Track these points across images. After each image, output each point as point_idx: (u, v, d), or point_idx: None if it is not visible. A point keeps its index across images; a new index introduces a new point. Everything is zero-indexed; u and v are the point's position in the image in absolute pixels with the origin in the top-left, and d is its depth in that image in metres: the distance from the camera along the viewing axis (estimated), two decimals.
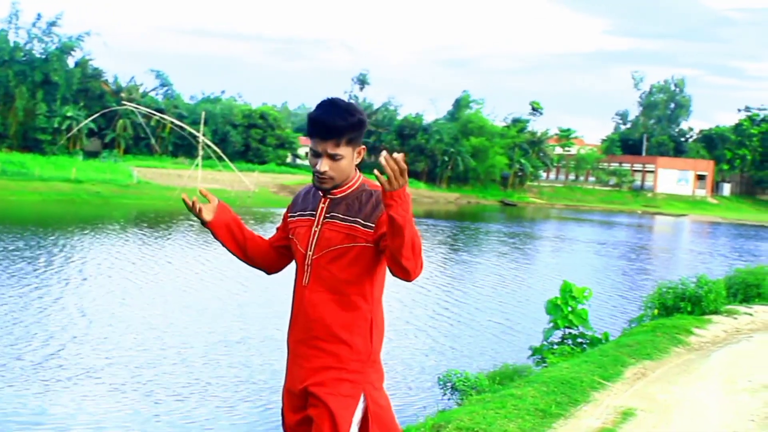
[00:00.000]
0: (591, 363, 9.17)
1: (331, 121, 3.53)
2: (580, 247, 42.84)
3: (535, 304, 20.51)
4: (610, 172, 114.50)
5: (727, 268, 21.92)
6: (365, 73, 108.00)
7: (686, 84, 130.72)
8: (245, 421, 11.39)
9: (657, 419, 7.54)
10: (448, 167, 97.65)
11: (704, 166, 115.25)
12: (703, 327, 11.30)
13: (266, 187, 72.82)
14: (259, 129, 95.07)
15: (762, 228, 76.46)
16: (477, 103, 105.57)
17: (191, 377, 13.40)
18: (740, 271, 14.00)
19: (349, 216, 3.60)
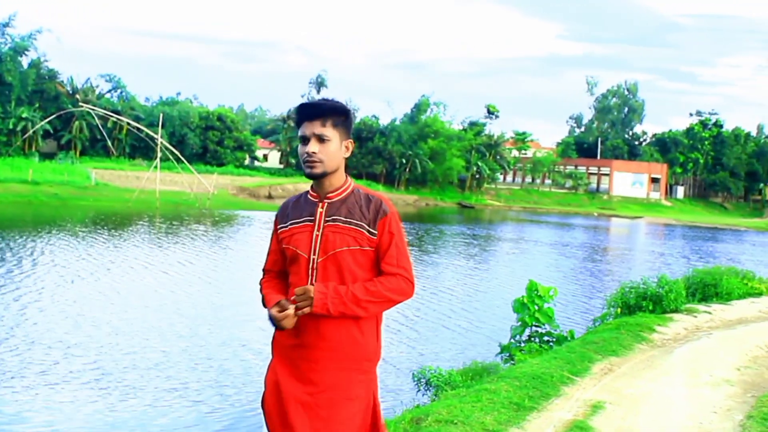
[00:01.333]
0: (560, 359, 9.51)
1: (315, 103, 3.79)
2: (542, 249, 43.36)
3: (501, 304, 20.88)
4: (566, 175, 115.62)
5: (685, 269, 22.43)
6: (323, 76, 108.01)
7: (639, 88, 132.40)
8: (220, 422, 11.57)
9: (625, 412, 7.87)
10: (406, 169, 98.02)
11: (658, 169, 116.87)
12: (664, 325, 11.70)
13: (225, 189, 72.65)
14: (217, 131, 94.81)
15: (715, 230, 77.74)
16: (437, 105, 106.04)
17: (146, 374, 13.52)
18: (698, 271, 14.44)
19: (354, 220, 3.75)
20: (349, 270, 3.72)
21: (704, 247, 51.56)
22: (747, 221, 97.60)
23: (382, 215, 3.77)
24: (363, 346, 3.77)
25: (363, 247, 3.73)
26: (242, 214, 55.29)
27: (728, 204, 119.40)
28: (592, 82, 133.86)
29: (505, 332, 15.51)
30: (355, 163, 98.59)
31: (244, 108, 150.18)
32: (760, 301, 13.84)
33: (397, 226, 3.82)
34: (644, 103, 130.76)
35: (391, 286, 3.72)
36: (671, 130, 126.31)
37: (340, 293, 3.63)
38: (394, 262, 3.77)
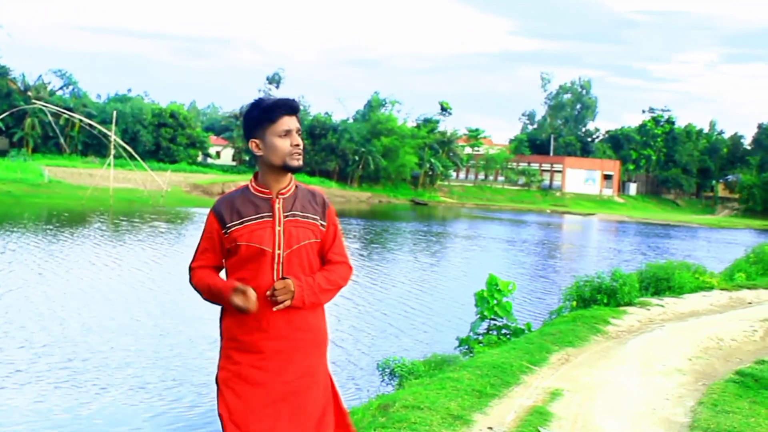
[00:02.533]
0: (519, 350, 9.81)
1: (292, 99, 3.92)
2: (496, 246, 43.79)
3: (458, 300, 21.22)
4: (519, 172, 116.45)
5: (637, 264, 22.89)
6: (279, 73, 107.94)
7: (592, 85, 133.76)
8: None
9: (582, 398, 8.18)
10: (359, 166, 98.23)
11: (611, 166, 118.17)
12: (618, 317, 12.06)
13: (179, 186, 72.36)
14: (170, 128, 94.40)
15: (667, 226, 78.91)
16: (391, 103, 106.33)
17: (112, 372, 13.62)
18: (651, 266, 14.83)
19: (309, 214, 3.91)
20: (309, 262, 3.89)
21: (657, 244, 52.39)
22: (699, 218, 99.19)
23: (327, 208, 3.99)
24: (321, 330, 3.96)
25: (317, 239, 3.93)
26: (196, 212, 55.11)
27: (680, 200, 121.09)
28: (546, 79, 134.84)
29: (462, 326, 15.85)
30: (308, 160, 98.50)
31: (196, 105, 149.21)
32: (711, 295, 14.26)
33: (336, 218, 4.07)
34: (597, 100, 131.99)
35: (342, 274, 3.99)
36: (624, 127, 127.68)
37: (311, 285, 3.81)
38: (339, 251, 4.02)
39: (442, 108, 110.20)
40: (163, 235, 37.85)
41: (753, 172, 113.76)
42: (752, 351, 10.93)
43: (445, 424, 6.88)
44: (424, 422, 6.80)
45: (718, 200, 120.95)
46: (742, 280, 15.63)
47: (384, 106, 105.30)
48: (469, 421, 7.07)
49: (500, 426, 7.09)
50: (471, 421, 7.08)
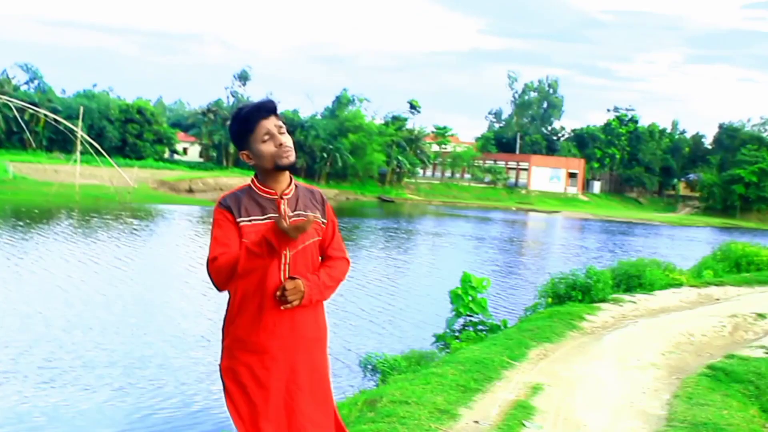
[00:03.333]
0: (499, 345, 10.04)
1: (265, 101, 3.98)
2: (465, 243, 44.12)
3: (432, 296, 21.45)
4: (486, 170, 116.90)
5: (606, 261, 23.26)
6: (247, 70, 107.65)
7: (559, 84, 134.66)
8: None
9: (563, 392, 8.43)
10: (327, 163, 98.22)
11: (576, 164, 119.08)
12: (593, 313, 12.34)
13: (146, 183, 71.92)
14: (136, 124, 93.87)
15: (630, 224, 79.74)
16: (359, 100, 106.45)
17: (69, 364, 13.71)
18: (623, 263, 15.14)
19: (311, 212, 3.94)
20: (312, 260, 3.95)
21: (623, 241, 53.04)
22: (661, 216, 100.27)
23: (326, 205, 4.09)
24: (322, 327, 4.02)
25: (320, 236, 3.99)
26: (163, 208, 54.97)
27: (643, 199, 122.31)
28: (513, 77, 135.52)
29: (438, 322, 16.07)
30: None
31: (163, 101, 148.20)
32: (680, 292, 14.60)
33: (334, 215, 4.16)
34: (564, 99, 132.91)
35: (342, 269, 4.07)
36: (589, 126, 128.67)
37: (317, 283, 3.88)
38: (338, 247, 4.10)
39: (411, 106, 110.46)
40: (133, 232, 37.75)
41: (713, 171, 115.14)
42: (722, 346, 11.26)
43: (433, 418, 7.08)
44: (412, 416, 6.99)
45: (679, 198, 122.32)
46: (710, 277, 16.00)
47: (352, 103, 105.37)
48: (455, 415, 7.28)
49: (486, 420, 7.31)
50: (457, 415, 7.29)
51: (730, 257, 17.44)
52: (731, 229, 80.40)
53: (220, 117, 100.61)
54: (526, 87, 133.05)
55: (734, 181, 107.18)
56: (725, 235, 61.55)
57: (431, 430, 6.80)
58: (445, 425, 6.99)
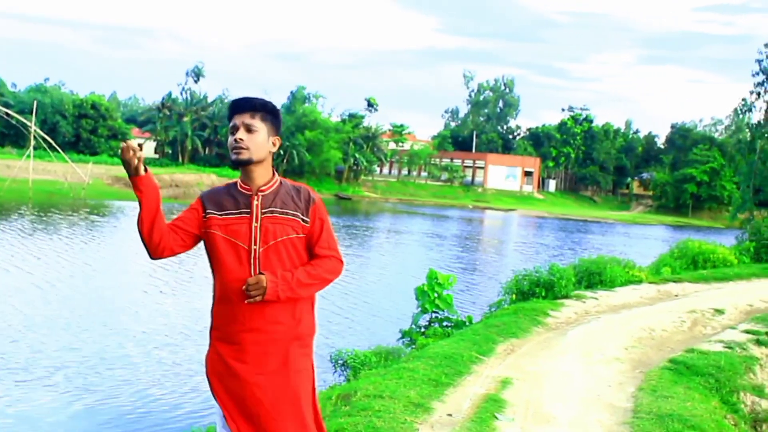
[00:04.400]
0: (467, 341, 10.21)
1: (247, 97, 4.08)
2: (430, 240, 44.34)
3: (395, 292, 21.61)
4: (442, 168, 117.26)
5: (564, 258, 23.57)
6: (200, 66, 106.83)
7: (515, 84, 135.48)
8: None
9: (531, 386, 8.62)
10: (284, 161, 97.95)
11: (531, 163, 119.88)
12: (557, 310, 12.57)
13: (100, 179, 71.16)
14: (91, 119, 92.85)
15: (585, 222, 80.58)
16: (315, 97, 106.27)
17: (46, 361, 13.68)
18: (584, 260, 15.42)
19: (289, 210, 3.98)
20: (288, 257, 3.97)
21: (580, 239, 53.63)
22: (614, 214, 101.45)
23: (311, 203, 4.05)
24: (303, 323, 4.03)
25: (299, 234, 3.99)
26: (119, 205, 54.55)
27: (597, 197, 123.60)
28: (468, 76, 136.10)
29: (402, 319, 16.23)
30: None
31: (117, 96, 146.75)
32: (640, 288, 14.90)
33: (324, 212, 4.12)
34: (519, 99, 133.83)
35: (328, 268, 4.03)
36: (544, 125, 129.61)
37: (288, 280, 3.90)
38: (326, 246, 4.05)
39: (369, 104, 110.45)
40: (89, 228, 37.49)
41: (666, 170, 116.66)
42: (682, 340, 11.54)
43: (407, 411, 7.22)
44: (387, 410, 7.13)
45: (633, 197, 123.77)
46: (668, 274, 16.33)
47: (308, 99, 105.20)
48: (429, 408, 7.43)
49: (459, 413, 7.47)
50: (431, 409, 7.44)
51: (687, 255, 17.81)
52: (683, 227, 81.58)
53: (175, 113, 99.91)
54: (481, 86, 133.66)
55: (686, 180, 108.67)
56: (678, 233, 62.52)
57: (407, 423, 6.94)
58: (420, 418, 7.13)
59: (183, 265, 26.54)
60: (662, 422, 7.43)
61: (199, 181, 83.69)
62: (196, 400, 12.89)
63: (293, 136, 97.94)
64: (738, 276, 16.43)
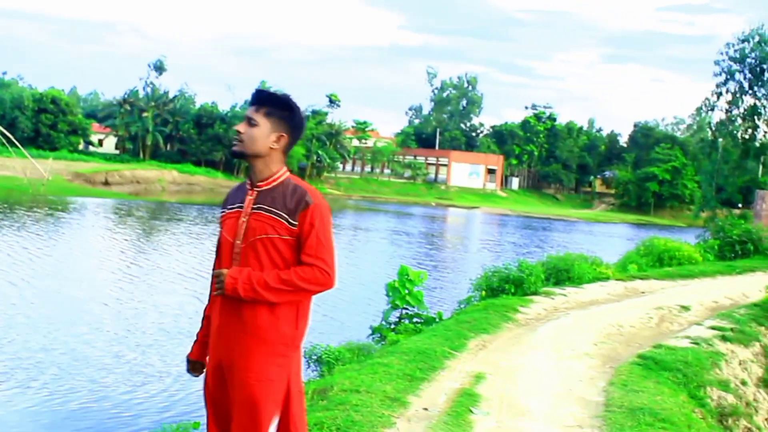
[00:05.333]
0: (439, 336, 10.30)
1: (262, 90, 4.07)
2: (396, 238, 44.45)
3: (363, 288, 21.65)
4: (406, 165, 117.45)
5: (530, 256, 23.71)
6: (162, 60, 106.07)
7: (479, 81, 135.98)
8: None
9: (504, 381, 8.72)
10: None
11: (494, 160, 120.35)
12: (526, 306, 12.70)
13: (60, 175, 70.53)
14: (50, 114, 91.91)
15: (548, 220, 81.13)
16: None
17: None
18: (552, 257, 15.58)
19: (275, 209, 3.87)
20: (269, 257, 3.86)
21: (547, 237, 54.03)
22: (577, 212, 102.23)
23: (303, 206, 3.86)
24: (278, 330, 3.86)
25: (282, 236, 3.85)
26: (80, 201, 54.08)
27: (560, 195, 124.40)
28: (432, 73, 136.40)
29: (371, 315, 16.30)
30: (195, 149, 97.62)
31: (77, 91, 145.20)
32: (608, 285, 15.08)
33: (320, 218, 3.89)
34: (483, 96, 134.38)
35: (306, 276, 3.82)
36: (508, 123, 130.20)
37: (251, 279, 3.80)
38: (312, 253, 3.84)
39: (330, 100, 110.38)
40: (49, 225, 37.18)
41: (628, 168, 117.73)
42: (649, 336, 11.71)
43: (384, 405, 7.29)
44: (364, 404, 7.19)
45: (595, 195, 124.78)
46: (635, 271, 16.53)
47: None
48: (405, 402, 7.50)
49: (434, 407, 7.54)
50: (407, 403, 7.51)
51: (653, 252, 18.04)
52: (645, 226, 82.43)
53: (137, 108, 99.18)
54: (444, 83, 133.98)
55: (648, 178, 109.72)
56: (640, 231, 63.18)
57: (384, 417, 7.00)
58: (397, 412, 7.20)
59: (157, 260, 26.46)
60: (634, 416, 7.56)
61: (160, 177, 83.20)
62: (166, 397, 12.89)
63: None
64: (703, 273, 16.68)
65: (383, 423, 6.86)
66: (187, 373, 4.33)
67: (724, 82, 51.15)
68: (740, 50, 50.45)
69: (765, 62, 49.98)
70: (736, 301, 14.17)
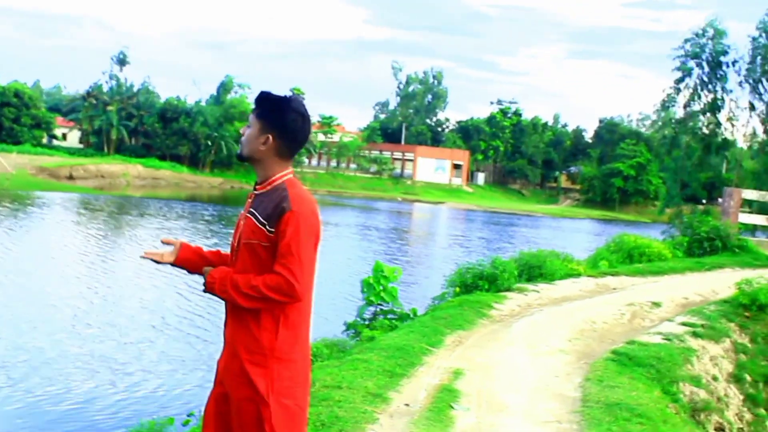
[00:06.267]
0: (416, 333, 10.37)
1: (263, 91, 4.05)
2: (365, 233, 44.48)
3: (334, 284, 21.67)
4: (371, 160, 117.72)
5: (498, 252, 23.88)
6: (125, 53, 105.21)
7: (444, 76, 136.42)
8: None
9: (482, 377, 8.81)
10: (212, 151, 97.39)
11: (460, 155, 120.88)
12: (500, 302, 12.79)
13: (24, 169, 70.06)
14: (13, 108, 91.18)
15: (514, 215, 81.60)
16: (242, 87, 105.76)
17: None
18: (524, 253, 15.67)
19: (259, 214, 3.84)
20: (252, 263, 3.84)
21: (517, 233, 54.38)
22: (543, 207, 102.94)
23: (280, 213, 3.80)
24: (257, 337, 3.80)
25: (261, 242, 3.81)
26: (46, 196, 53.64)
27: (526, 191, 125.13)
28: (397, 67, 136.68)
29: (343, 311, 16.35)
30: (160, 144, 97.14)
31: (40, 84, 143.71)
32: (579, 281, 15.21)
33: (294, 226, 3.79)
34: (448, 91, 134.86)
35: (270, 284, 3.74)
36: (473, 118, 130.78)
37: (226, 279, 3.80)
38: (281, 261, 3.76)
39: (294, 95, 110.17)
40: (13, 220, 36.84)
41: (593, 164, 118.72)
42: (622, 332, 11.85)
43: (367, 401, 7.37)
44: (347, 400, 7.26)
45: (560, 191, 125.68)
46: (606, 268, 16.70)
47: (236, 90, 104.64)
48: (387, 398, 7.58)
49: (415, 403, 7.63)
50: (388, 399, 7.59)
51: (623, 249, 18.21)
52: (610, 221, 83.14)
53: (101, 102, 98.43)
54: (410, 78, 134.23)
55: (613, 174, 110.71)
56: (605, 227, 63.72)
57: (367, 412, 7.08)
58: (379, 408, 7.28)
59: (125, 256, 26.35)
60: (611, 411, 7.68)
61: (125, 171, 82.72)
62: (145, 394, 12.89)
63: (221, 126, 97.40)
64: (673, 270, 16.86)
65: (366, 419, 6.94)
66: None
67: (682, 78, 51.54)
68: (697, 45, 50.84)
69: (722, 55, 50.38)
70: (705, 297, 14.35)
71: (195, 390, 13.78)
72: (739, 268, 17.63)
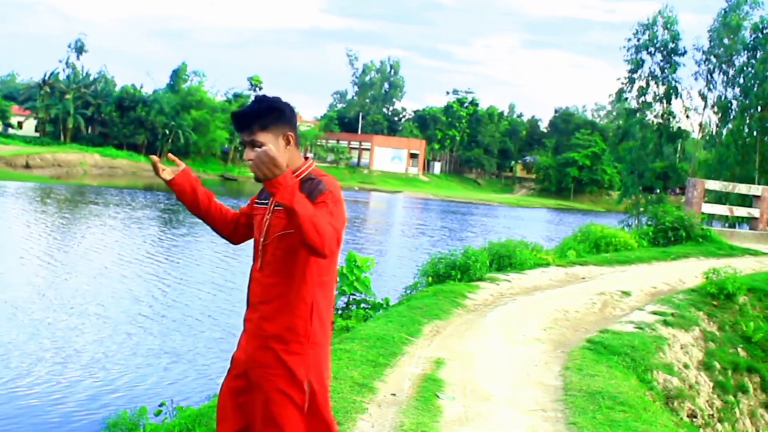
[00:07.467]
0: (394, 323, 10.43)
1: (238, 112, 3.98)
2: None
3: None
4: (329, 149, 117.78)
5: (461, 241, 24.05)
6: (83, 40, 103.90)
7: (401, 66, 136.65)
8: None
9: (463, 365, 8.90)
10: (169, 140, 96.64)
11: (417, 145, 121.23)
12: (473, 292, 12.89)
13: None
14: None
15: (470, 204, 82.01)
16: (197, 74, 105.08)
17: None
18: (494, 243, 15.79)
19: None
20: (292, 255, 3.82)
21: (478, 222, 54.58)
22: (498, 196, 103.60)
23: (318, 193, 3.81)
24: (291, 326, 3.85)
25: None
26: (1, 184, 52.92)
27: (481, 180, 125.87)
28: (352, 56, 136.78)
29: None
30: (117, 133, 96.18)
31: None
32: (549, 271, 15.36)
33: (333, 201, 3.81)
34: (405, 80, 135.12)
35: (323, 222, 3.57)
36: (430, 107, 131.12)
37: (296, 188, 3.53)
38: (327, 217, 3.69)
39: (251, 83, 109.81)
40: None
41: (549, 154, 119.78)
42: (594, 321, 12.01)
43: (354, 391, 7.43)
44: (335, 390, 7.30)
45: (516, 180, 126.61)
46: (574, 257, 16.88)
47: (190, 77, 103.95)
48: (373, 388, 7.64)
49: (401, 392, 7.69)
50: (375, 389, 7.65)
51: (590, 238, 18.41)
52: (566, 210, 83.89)
53: (58, 90, 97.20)
54: (366, 67, 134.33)
55: (568, 163, 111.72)
56: (561, 216, 64.27)
57: (356, 402, 7.14)
58: (367, 398, 7.34)
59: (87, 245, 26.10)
60: (594, 399, 7.80)
61: (81, 160, 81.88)
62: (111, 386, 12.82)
63: (179, 115, 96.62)
64: (639, 259, 17.10)
65: (356, 409, 7.00)
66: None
67: (635, 68, 52.13)
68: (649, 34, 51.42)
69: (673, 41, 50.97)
70: (673, 286, 14.57)
71: (164, 381, 13.80)
72: (703, 258, 17.95)
